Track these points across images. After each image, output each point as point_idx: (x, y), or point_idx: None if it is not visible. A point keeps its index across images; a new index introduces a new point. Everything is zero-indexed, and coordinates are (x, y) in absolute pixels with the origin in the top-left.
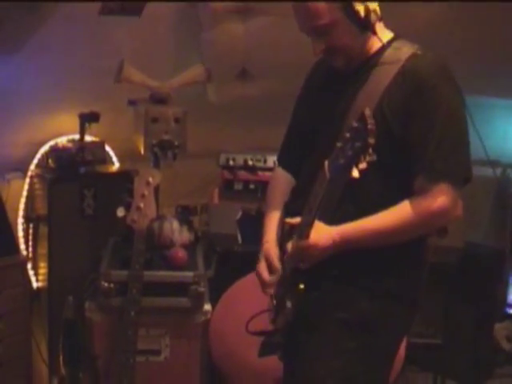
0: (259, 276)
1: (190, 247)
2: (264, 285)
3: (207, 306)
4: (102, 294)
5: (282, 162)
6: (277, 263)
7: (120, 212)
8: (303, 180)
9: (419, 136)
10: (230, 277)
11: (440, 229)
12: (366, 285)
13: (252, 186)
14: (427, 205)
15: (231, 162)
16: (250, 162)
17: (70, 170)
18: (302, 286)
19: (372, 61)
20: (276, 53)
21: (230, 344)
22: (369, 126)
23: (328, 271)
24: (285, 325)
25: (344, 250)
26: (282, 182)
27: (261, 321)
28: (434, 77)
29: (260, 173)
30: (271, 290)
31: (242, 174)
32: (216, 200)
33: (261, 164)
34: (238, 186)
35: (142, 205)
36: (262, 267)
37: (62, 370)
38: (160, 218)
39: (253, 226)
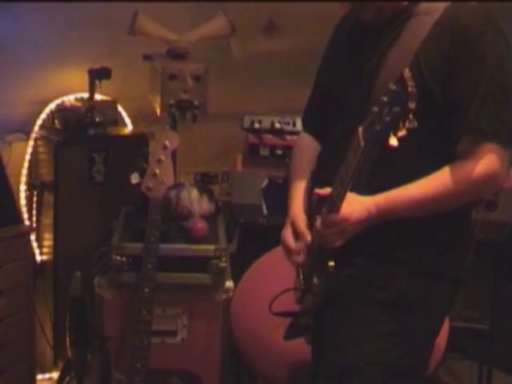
0: (284, 242)
1: (210, 218)
2: (290, 252)
3: (229, 283)
4: (114, 269)
5: (306, 125)
6: (304, 229)
7: (134, 179)
8: (331, 146)
9: (462, 92)
10: (254, 251)
11: (488, 202)
12: (405, 260)
13: (279, 152)
14: (471, 168)
15: (256, 125)
16: (278, 125)
17: (78, 132)
18: (331, 264)
19: (405, 12)
20: (306, 4)
21: (253, 325)
22: (409, 89)
23: (361, 246)
24: (313, 305)
25: (380, 223)
26: (307, 147)
27: (287, 300)
28: (480, 24)
29: (288, 137)
30: (299, 258)
31: (269, 138)
32: (239, 167)
33: (289, 127)
34: (264, 152)
35: (157, 171)
36: (288, 233)
37: (69, 353)
38: (177, 186)
39: (280, 195)
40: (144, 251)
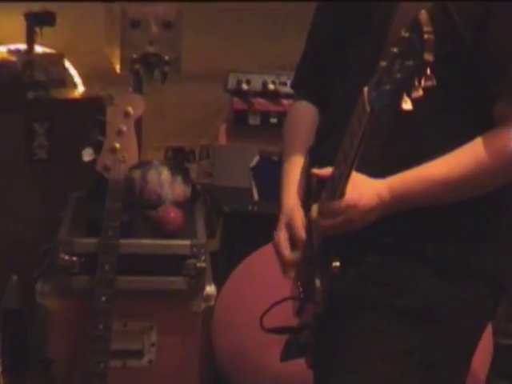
0: (277, 251)
1: (185, 206)
2: (283, 264)
3: (210, 289)
4: (61, 272)
5: (299, 89)
6: (302, 233)
7: (86, 155)
8: (331, 115)
9: (501, 41)
10: (242, 248)
11: None
12: (429, 257)
13: (273, 120)
14: (509, 139)
15: (244, 86)
16: (271, 86)
17: (12, 95)
18: (336, 264)
19: None
20: None
21: (241, 343)
22: (425, 36)
23: (374, 240)
24: (315, 318)
25: (395, 212)
26: (304, 116)
27: (283, 312)
28: None
29: (285, 101)
30: (292, 273)
31: (260, 103)
32: (222, 140)
33: (286, 89)
34: (254, 120)
35: (117, 146)
36: (282, 238)
37: (1, 379)
38: (143, 164)
39: (274, 176)
40: (100, 248)
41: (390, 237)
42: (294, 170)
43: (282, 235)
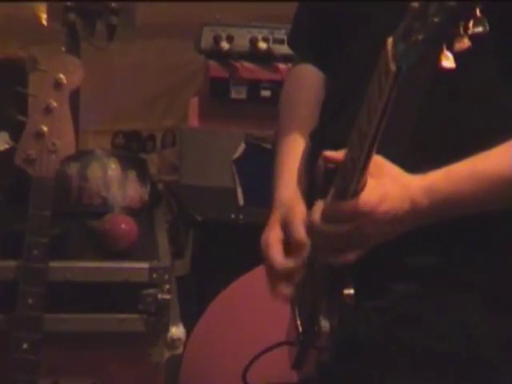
0: (268, 258)
1: (141, 214)
2: (273, 276)
3: (176, 331)
4: None
5: (300, 47)
6: (302, 233)
7: (1, 143)
8: (343, 83)
9: None
10: (220, 273)
11: None
12: (482, 288)
13: (265, 93)
14: None
15: (225, 45)
16: (262, 45)
17: None
18: (349, 291)
19: None
20: None
21: None
22: None
23: (404, 261)
24: (319, 370)
25: (433, 222)
26: (306, 86)
27: (274, 363)
28: None
29: (281, 65)
30: (284, 291)
31: (247, 69)
32: (194, 120)
33: (282, 48)
34: (239, 93)
35: (45, 129)
36: (273, 238)
37: None
38: (83, 155)
39: (266, 171)
40: (21, 274)
41: (427, 257)
42: (293, 156)
43: (272, 235)
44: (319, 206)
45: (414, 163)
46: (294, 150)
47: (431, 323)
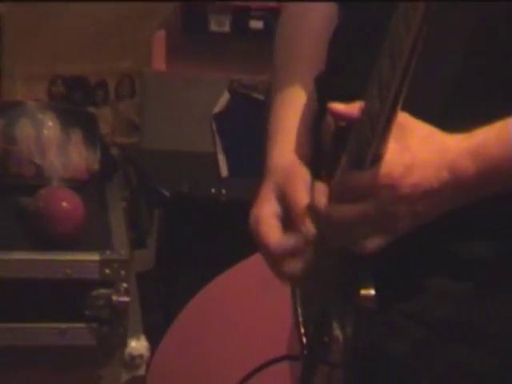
0: (261, 236)
1: (90, 189)
2: (273, 257)
3: (137, 345)
4: None
5: None
6: (303, 202)
7: None
8: (358, 17)
9: None
10: (195, 266)
11: None
12: None
13: (256, 24)
14: None
15: None
16: None
17: None
18: (368, 292)
19: None
20: None
21: None
22: None
23: (445, 248)
24: None
25: (482, 200)
26: (310, 18)
27: (274, 382)
28: None
29: None
30: (295, 267)
31: None
32: (160, 62)
33: None
34: (220, 24)
35: None
36: (267, 212)
37: None
38: (9, 108)
39: (258, 128)
40: None
41: (481, 244)
42: (293, 110)
43: (265, 208)
44: (322, 186)
45: (451, 127)
46: (293, 102)
47: (485, 335)
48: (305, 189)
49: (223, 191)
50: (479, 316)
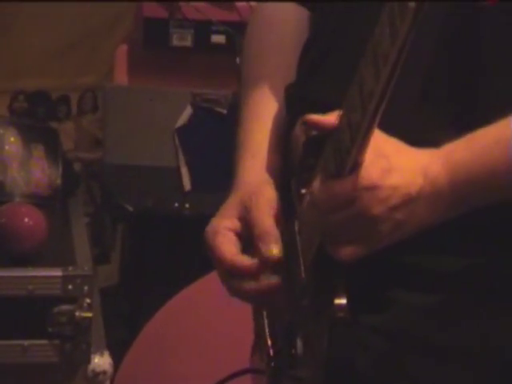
0: (212, 249)
1: (52, 204)
2: (224, 274)
3: (101, 361)
4: None
5: None
6: (269, 224)
7: None
8: (332, 23)
9: None
10: (159, 281)
11: None
12: None
13: (218, 38)
14: None
15: None
16: None
17: None
18: (341, 301)
19: None
20: None
21: None
22: None
23: (413, 261)
24: None
25: (459, 212)
26: (281, 26)
27: None
28: None
29: (239, 1)
30: (248, 286)
31: (193, 6)
32: (122, 76)
33: None
34: (182, 38)
35: None
36: (224, 228)
37: None
38: None
39: (222, 143)
40: None
41: (451, 257)
42: (262, 122)
43: (224, 222)
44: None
45: (425, 126)
46: (262, 114)
47: (451, 350)
48: (269, 210)
49: (186, 205)
50: (445, 330)
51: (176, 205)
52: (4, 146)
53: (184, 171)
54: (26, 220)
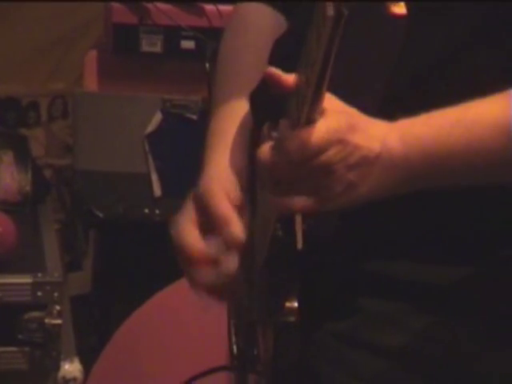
0: (177, 241)
1: (22, 211)
2: (186, 263)
3: (71, 368)
4: None
5: None
6: (225, 208)
7: None
8: (301, 27)
9: None
10: (130, 287)
11: None
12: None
13: (187, 44)
14: None
15: None
16: None
17: None
18: (292, 305)
19: None
20: None
21: None
22: None
23: (370, 275)
24: None
25: (411, 189)
26: (257, 25)
27: None
28: None
29: (209, 6)
30: (207, 275)
31: (162, 10)
32: (92, 83)
33: None
34: (151, 44)
35: None
36: (184, 221)
37: None
38: None
39: (191, 150)
40: None
41: (412, 267)
42: (232, 122)
43: (185, 215)
44: (265, 146)
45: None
46: (231, 115)
47: (416, 357)
48: (224, 196)
49: (157, 211)
50: (411, 338)
51: (146, 211)
52: None
53: (154, 177)
54: None
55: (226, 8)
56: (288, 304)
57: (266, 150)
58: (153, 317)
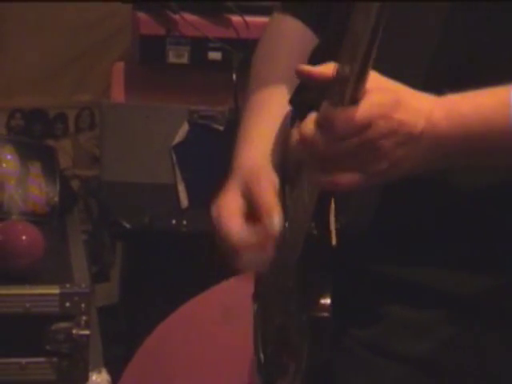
0: (218, 230)
1: (50, 222)
2: (231, 245)
3: (99, 378)
4: None
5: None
6: (272, 198)
7: None
8: (333, 41)
9: None
10: (158, 298)
11: None
12: None
13: (214, 55)
14: None
15: None
16: None
17: None
18: (326, 302)
19: None
20: None
21: None
22: None
23: (405, 274)
24: None
25: (454, 163)
26: (291, 36)
27: None
28: None
29: (235, 17)
30: (249, 262)
31: (189, 22)
32: (119, 94)
33: None
34: (178, 55)
35: None
36: (228, 207)
37: None
38: None
39: (218, 159)
40: None
41: (442, 277)
42: (267, 116)
43: (227, 201)
44: (307, 122)
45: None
46: (268, 109)
47: (442, 367)
48: (271, 187)
49: (184, 222)
50: (438, 347)
51: (173, 222)
52: (1, 164)
53: (181, 188)
54: (24, 238)
55: (252, 19)
56: (322, 300)
57: (309, 127)
58: (180, 328)
